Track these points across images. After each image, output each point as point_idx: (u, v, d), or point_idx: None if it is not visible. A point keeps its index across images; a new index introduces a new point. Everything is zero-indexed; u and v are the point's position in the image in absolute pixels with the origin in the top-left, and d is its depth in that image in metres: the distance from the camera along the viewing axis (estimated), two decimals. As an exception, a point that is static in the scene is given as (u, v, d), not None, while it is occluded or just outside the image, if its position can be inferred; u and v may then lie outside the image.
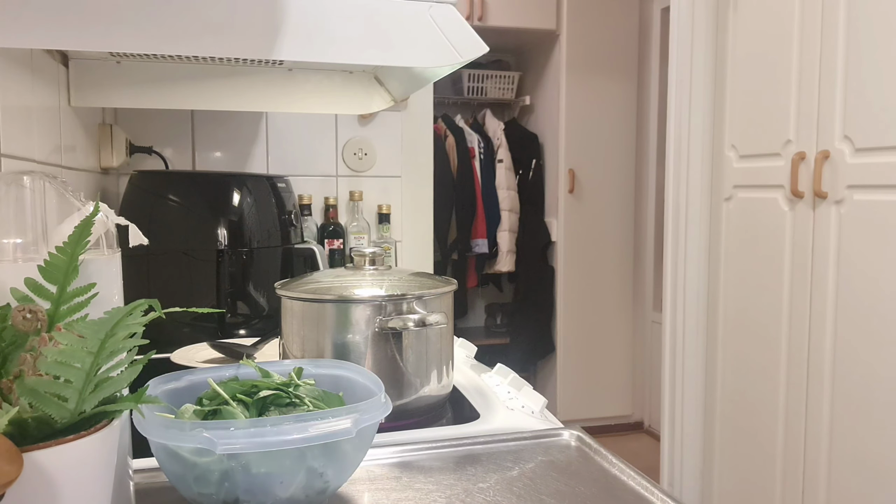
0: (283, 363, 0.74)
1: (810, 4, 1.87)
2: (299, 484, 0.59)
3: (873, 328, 1.68)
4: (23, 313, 0.49)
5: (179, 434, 0.55)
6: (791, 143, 1.94)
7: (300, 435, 0.55)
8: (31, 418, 0.44)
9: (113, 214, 0.65)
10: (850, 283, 1.76)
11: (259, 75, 1.44)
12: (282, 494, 0.58)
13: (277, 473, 0.57)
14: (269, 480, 0.57)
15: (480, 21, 3.26)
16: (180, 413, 0.64)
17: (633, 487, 0.77)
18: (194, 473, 0.57)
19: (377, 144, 2.03)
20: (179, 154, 1.87)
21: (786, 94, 1.93)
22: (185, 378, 0.70)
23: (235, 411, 0.63)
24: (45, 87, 1.25)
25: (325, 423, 0.57)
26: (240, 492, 0.58)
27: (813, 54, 1.84)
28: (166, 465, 0.59)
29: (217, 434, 0.53)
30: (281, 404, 0.65)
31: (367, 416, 0.60)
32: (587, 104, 3.40)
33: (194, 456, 0.56)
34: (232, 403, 0.63)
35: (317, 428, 0.56)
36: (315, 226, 1.94)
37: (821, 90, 1.83)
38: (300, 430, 0.55)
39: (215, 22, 0.84)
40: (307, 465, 0.58)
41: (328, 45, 0.90)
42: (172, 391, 0.68)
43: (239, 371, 0.71)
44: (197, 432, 0.54)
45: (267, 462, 0.56)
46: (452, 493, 0.74)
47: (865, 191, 1.73)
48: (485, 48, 0.92)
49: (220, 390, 0.65)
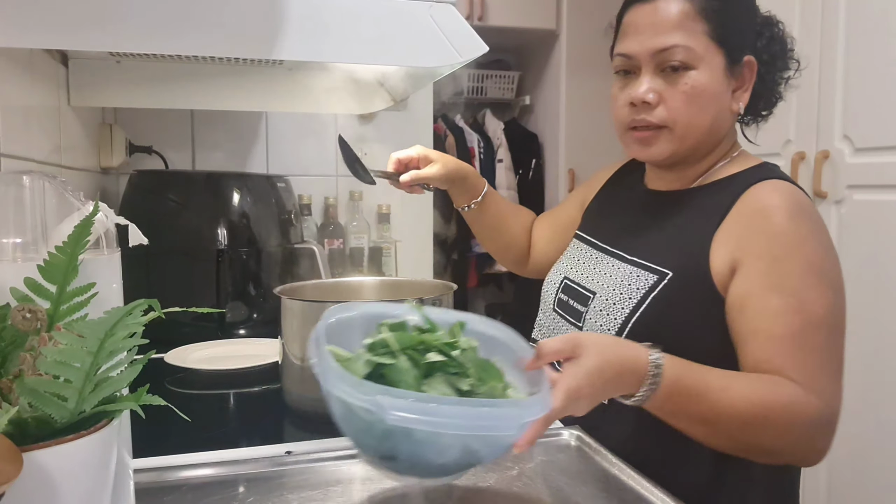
0: (447, 313, 0.75)
1: (810, 4, 1.87)
2: (453, 455, 0.62)
3: (873, 328, 1.68)
4: (22, 313, 0.49)
5: (355, 392, 0.57)
6: (791, 143, 1.94)
7: (466, 422, 0.57)
8: (31, 418, 0.44)
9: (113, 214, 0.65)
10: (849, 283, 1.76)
11: (259, 75, 1.44)
12: (436, 461, 0.62)
13: (435, 444, 0.60)
14: (426, 448, 0.61)
15: (480, 21, 3.26)
16: (354, 358, 0.66)
17: (633, 487, 0.77)
18: (359, 425, 0.61)
19: (377, 144, 2.03)
20: (179, 154, 1.87)
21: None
22: (359, 310, 0.74)
23: (404, 370, 0.64)
24: (45, 86, 1.25)
25: (492, 418, 0.58)
26: (398, 451, 0.61)
27: (813, 54, 1.84)
28: (338, 409, 0.62)
29: (391, 402, 0.55)
30: (447, 372, 0.66)
31: (531, 412, 0.61)
32: (587, 104, 3.39)
33: (362, 411, 0.58)
34: (402, 359, 0.65)
35: (483, 421, 0.58)
36: (315, 226, 1.93)
37: (821, 90, 1.83)
38: (468, 418, 0.57)
39: (215, 22, 0.84)
40: (465, 442, 0.61)
41: (328, 45, 0.90)
42: (346, 321, 0.71)
43: (407, 313, 0.73)
44: (372, 395, 0.56)
45: (429, 433, 0.58)
46: (452, 493, 0.74)
47: (865, 191, 1.73)
48: (485, 48, 0.92)
49: (393, 342, 0.66)
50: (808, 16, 1.87)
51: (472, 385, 0.65)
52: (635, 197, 1.05)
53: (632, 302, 0.89)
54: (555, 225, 1.21)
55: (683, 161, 0.95)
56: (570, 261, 1.06)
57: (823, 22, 1.82)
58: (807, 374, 0.78)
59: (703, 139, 0.91)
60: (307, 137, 1.96)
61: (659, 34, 0.88)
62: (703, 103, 0.88)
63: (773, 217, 0.84)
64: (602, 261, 0.99)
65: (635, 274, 0.92)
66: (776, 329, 0.79)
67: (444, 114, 3.55)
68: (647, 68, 0.89)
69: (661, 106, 0.89)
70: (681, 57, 0.87)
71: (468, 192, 1.16)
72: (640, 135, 0.92)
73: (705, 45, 0.87)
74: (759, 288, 0.81)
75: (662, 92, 0.89)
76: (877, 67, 1.68)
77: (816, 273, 0.82)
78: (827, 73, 1.81)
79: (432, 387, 0.63)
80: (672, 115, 0.89)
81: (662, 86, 0.89)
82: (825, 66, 1.81)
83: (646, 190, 1.04)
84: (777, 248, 0.82)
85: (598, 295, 0.94)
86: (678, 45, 0.87)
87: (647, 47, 0.88)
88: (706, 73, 0.87)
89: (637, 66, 0.90)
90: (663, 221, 0.95)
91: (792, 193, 0.86)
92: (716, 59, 0.88)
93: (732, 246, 0.85)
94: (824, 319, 0.81)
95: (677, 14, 0.87)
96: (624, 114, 0.93)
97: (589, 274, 0.99)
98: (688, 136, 0.90)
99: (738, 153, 0.96)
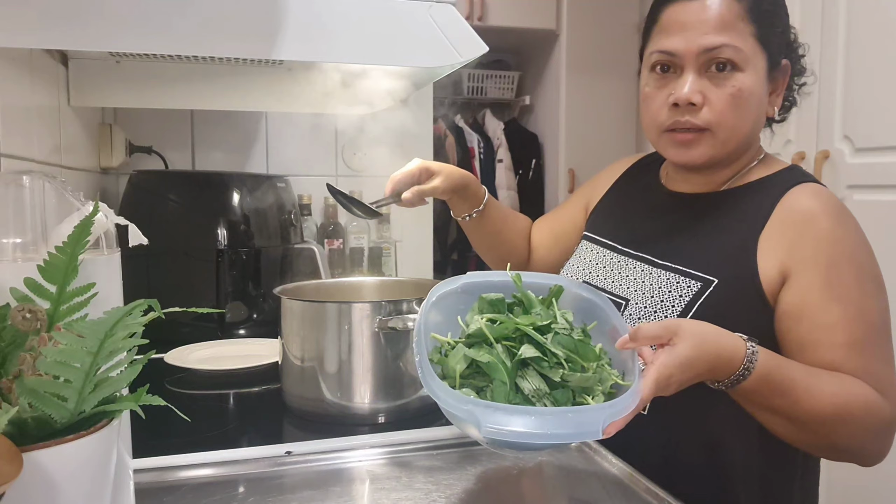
0: (544, 277, 0.80)
1: (810, 4, 1.87)
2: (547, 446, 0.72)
3: (873, 328, 1.68)
4: (22, 313, 0.49)
5: (452, 401, 0.62)
6: (791, 143, 1.94)
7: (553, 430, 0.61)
8: (31, 418, 0.44)
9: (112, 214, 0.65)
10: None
11: (259, 75, 1.44)
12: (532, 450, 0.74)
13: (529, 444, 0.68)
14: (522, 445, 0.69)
15: (480, 21, 3.26)
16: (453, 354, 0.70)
17: (633, 488, 0.77)
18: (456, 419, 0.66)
19: (377, 144, 2.03)
20: (179, 154, 1.87)
21: (786, 94, 1.93)
22: (462, 283, 0.78)
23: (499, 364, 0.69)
24: (45, 86, 1.25)
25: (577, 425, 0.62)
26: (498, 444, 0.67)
27: (813, 54, 1.84)
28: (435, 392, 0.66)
29: (485, 417, 0.60)
30: (539, 366, 0.70)
31: (613, 414, 0.63)
32: (587, 104, 3.39)
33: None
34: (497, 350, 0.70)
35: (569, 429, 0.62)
36: (315, 226, 1.93)
37: (820, 90, 1.83)
38: (554, 427, 0.61)
39: (215, 22, 0.84)
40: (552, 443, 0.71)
41: (328, 45, 0.90)
42: (450, 293, 0.76)
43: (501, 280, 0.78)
44: (468, 408, 0.61)
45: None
46: (452, 493, 0.74)
47: (865, 191, 1.73)
48: (485, 48, 0.92)
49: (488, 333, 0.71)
50: (807, 16, 1.87)
51: (563, 376, 0.69)
52: (655, 199, 1.01)
53: (675, 310, 0.87)
54: (556, 229, 1.19)
55: (718, 164, 0.92)
56: (585, 264, 1.03)
57: (823, 22, 1.82)
58: (875, 378, 0.79)
59: (742, 143, 0.89)
60: (307, 137, 1.96)
61: (708, 32, 0.84)
62: (748, 107, 0.86)
63: (820, 223, 0.83)
64: (628, 265, 0.96)
65: (675, 280, 0.89)
66: (839, 338, 0.80)
67: (444, 114, 3.55)
68: (691, 67, 0.85)
69: (706, 108, 0.85)
70: (730, 56, 0.83)
71: (468, 202, 1.13)
72: (682, 137, 0.88)
73: (752, 46, 0.85)
74: (817, 296, 0.81)
75: (707, 93, 0.85)
76: (877, 67, 1.69)
77: (870, 279, 0.83)
78: (827, 73, 1.81)
79: (525, 379, 0.69)
80: (717, 118, 0.85)
81: (707, 86, 0.85)
82: (825, 66, 1.81)
83: (668, 192, 1.00)
84: (830, 255, 0.82)
85: (631, 301, 0.91)
86: (728, 45, 0.83)
87: (695, 45, 0.84)
88: (752, 75, 0.85)
89: (679, 65, 0.86)
90: (695, 225, 0.92)
91: (831, 197, 0.86)
92: (760, 62, 0.86)
93: (782, 254, 0.83)
94: (882, 325, 0.82)
95: (728, 12, 0.84)
96: (663, 115, 0.88)
97: (614, 279, 0.96)
98: (730, 140, 0.87)
99: (764, 156, 0.95)
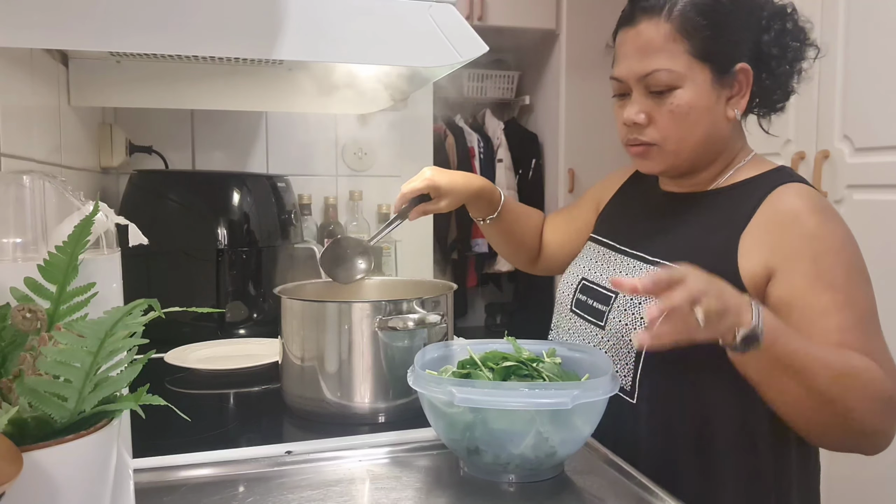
0: (540, 343, 0.89)
1: (810, 4, 1.87)
2: (528, 444, 0.73)
3: (873, 328, 1.68)
4: (22, 313, 0.49)
5: (434, 387, 0.74)
6: (791, 143, 1.94)
7: (522, 399, 0.70)
8: (31, 418, 0.44)
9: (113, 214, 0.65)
10: (849, 283, 1.76)
11: (259, 75, 1.44)
12: (514, 450, 0.73)
13: (510, 431, 0.73)
14: (502, 436, 0.73)
15: (480, 21, 3.26)
16: (441, 372, 0.83)
17: (633, 487, 0.77)
18: (446, 421, 0.76)
19: (377, 144, 2.03)
20: (179, 154, 1.87)
21: (786, 93, 1.93)
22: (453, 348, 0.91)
23: (481, 374, 0.80)
24: (45, 86, 1.25)
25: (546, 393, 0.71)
26: (479, 442, 0.74)
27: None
28: (429, 413, 0.78)
29: (458, 389, 0.71)
30: (520, 375, 0.81)
31: (587, 394, 0.71)
32: (587, 104, 3.39)
33: (445, 406, 0.74)
34: (482, 368, 0.81)
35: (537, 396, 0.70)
36: (315, 226, 1.93)
37: (820, 90, 1.83)
38: (523, 396, 0.71)
39: (215, 22, 0.84)
40: (536, 428, 0.72)
41: (328, 45, 0.90)
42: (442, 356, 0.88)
43: (498, 345, 0.88)
44: (444, 386, 0.72)
45: (501, 420, 0.72)
46: (453, 493, 0.75)
47: (865, 190, 1.73)
48: (485, 48, 0.92)
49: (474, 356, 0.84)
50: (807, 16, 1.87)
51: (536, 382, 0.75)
52: (651, 200, 1.06)
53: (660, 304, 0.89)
54: (569, 227, 1.22)
55: (691, 169, 0.97)
56: (587, 262, 1.07)
57: (823, 22, 1.82)
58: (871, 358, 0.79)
59: (699, 150, 0.93)
60: (307, 137, 1.96)
61: (642, 59, 0.90)
62: (691, 119, 0.90)
63: (805, 220, 0.85)
64: (622, 262, 1.00)
65: None
66: (831, 322, 0.81)
67: (444, 113, 3.55)
68: (637, 90, 0.92)
69: (652, 126, 0.92)
70: (664, 79, 0.89)
71: (483, 210, 1.16)
72: (636, 150, 0.96)
73: (687, 63, 0.89)
74: (806, 287, 0.83)
75: (651, 112, 0.92)
76: (877, 67, 1.69)
77: (857, 272, 0.85)
78: (827, 73, 1.81)
79: None
80: (661, 133, 0.92)
81: (651, 106, 0.92)
82: (825, 66, 1.81)
83: (662, 192, 1.05)
84: (816, 248, 0.84)
85: (620, 294, 0.95)
86: (660, 69, 0.89)
87: (633, 72, 0.91)
88: (691, 90, 0.89)
89: (629, 88, 0.94)
90: (683, 223, 0.97)
91: (816, 196, 0.89)
92: (700, 74, 0.89)
93: (766, 252, 0.85)
94: (871, 314, 0.84)
95: (657, 37, 0.89)
96: (623, 132, 0.96)
97: (608, 275, 1.00)
98: (681, 150, 0.93)
99: (753, 156, 0.98)
